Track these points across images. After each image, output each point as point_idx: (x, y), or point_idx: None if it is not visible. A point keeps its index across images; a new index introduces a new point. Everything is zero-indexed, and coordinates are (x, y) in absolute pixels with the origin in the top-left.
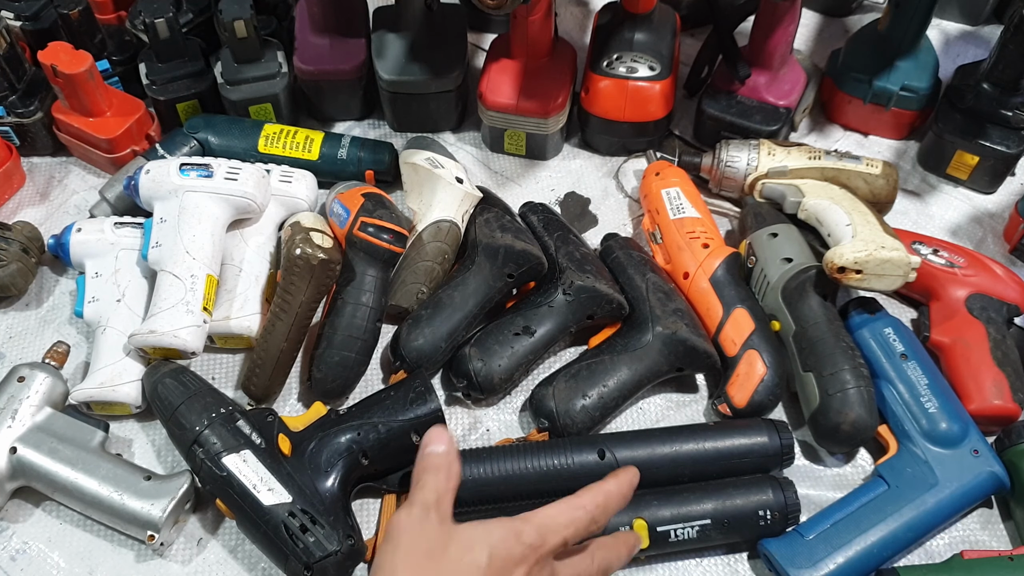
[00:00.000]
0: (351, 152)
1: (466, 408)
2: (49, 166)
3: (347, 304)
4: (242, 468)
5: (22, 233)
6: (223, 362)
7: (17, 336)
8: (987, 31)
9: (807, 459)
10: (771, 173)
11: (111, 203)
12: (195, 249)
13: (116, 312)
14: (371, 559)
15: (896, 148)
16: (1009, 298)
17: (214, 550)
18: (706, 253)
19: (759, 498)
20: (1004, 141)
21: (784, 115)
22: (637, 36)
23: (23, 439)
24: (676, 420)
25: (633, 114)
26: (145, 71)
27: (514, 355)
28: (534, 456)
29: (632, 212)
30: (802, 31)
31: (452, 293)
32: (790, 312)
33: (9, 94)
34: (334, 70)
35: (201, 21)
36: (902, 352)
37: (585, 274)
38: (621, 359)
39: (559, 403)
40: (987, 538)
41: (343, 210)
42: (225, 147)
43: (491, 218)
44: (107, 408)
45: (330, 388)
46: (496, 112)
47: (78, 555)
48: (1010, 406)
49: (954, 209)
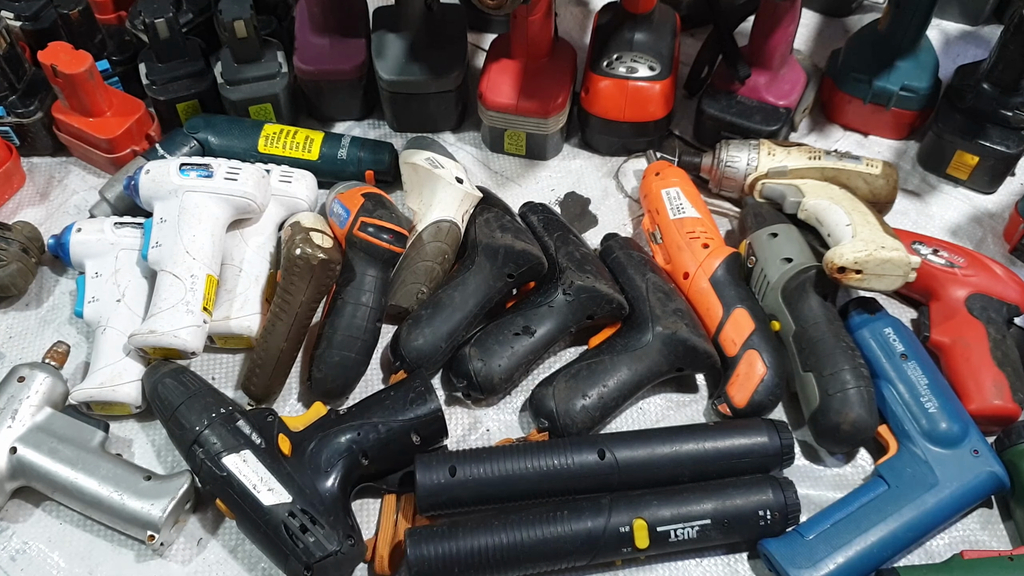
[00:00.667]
0: (351, 152)
1: (466, 408)
2: (49, 166)
3: (347, 304)
4: (242, 468)
5: (22, 233)
6: (223, 362)
7: (17, 336)
8: (987, 31)
9: (807, 459)
10: (771, 173)
11: (111, 203)
12: (195, 249)
13: (116, 312)
14: (371, 559)
15: (896, 148)
16: (1009, 298)
17: (214, 550)
18: (706, 253)
19: (759, 498)
20: (1004, 141)
21: (784, 115)
22: (637, 36)
23: (23, 439)
24: (676, 420)
25: (633, 114)
26: (145, 71)
27: (514, 355)
28: (534, 456)
29: (632, 212)
30: (802, 31)
31: (452, 293)
32: (790, 312)
33: (9, 94)
34: (334, 70)
35: (201, 21)
36: (902, 352)
37: (585, 274)
38: (621, 359)
39: (559, 403)
40: (987, 538)
41: (343, 210)
42: (225, 147)
43: (491, 218)
44: (107, 408)
45: (330, 388)
46: (496, 112)
47: (78, 555)
48: (1010, 406)
49: (954, 209)
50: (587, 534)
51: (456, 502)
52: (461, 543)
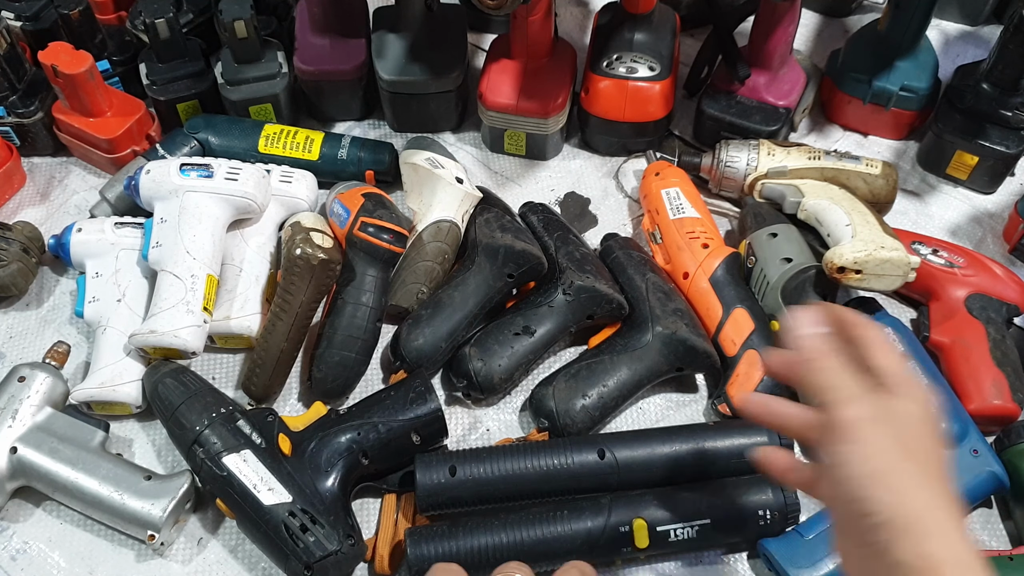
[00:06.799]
0: (351, 152)
1: (466, 408)
2: (49, 166)
3: (347, 304)
4: (242, 468)
5: (22, 233)
6: (223, 362)
7: (17, 336)
8: (987, 31)
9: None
10: (771, 173)
11: (111, 203)
12: (195, 249)
13: (116, 312)
14: (371, 559)
15: (896, 148)
16: (1009, 298)
17: (214, 550)
18: (706, 253)
19: (759, 498)
20: (1004, 141)
21: (784, 115)
22: (637, 36)
23: (23, 439)
24: (676, 420)
25: (633, 114)
26: (145, 71)
27: (514, 355)
28: (534, 456)
29: (632, 212)
30: (802, 31)
31: (452, 293)
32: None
33: (9, 94)
34: (334, 70)
35: (201, 21)
36: (901, 352)
37: (585, 274)
38: (621, 359)
39: (559, 403)
40: (987, 538)
41: (343, 210)
42: (225, 147)
43: (491, 218)
44: (107, 408)
45: (330, 388)
46: (496, 112)
47: (78, 555)
48: (1010, 406)
49: (954, 209)
50: (587, 534)
51: (456, 502)
52: (461, 543)
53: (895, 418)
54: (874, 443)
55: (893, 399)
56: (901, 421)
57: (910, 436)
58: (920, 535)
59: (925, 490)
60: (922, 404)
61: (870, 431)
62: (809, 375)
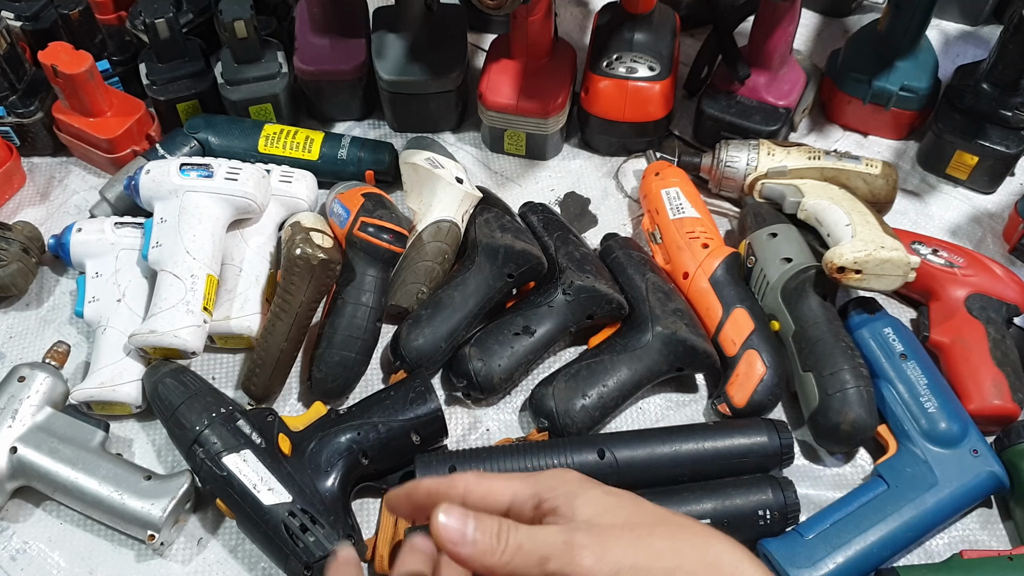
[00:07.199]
0: (351, 152)
1: (466, 408)
2: (49, 166)
3: (347, 304)
4: (242, 468)
5: (22, 233)
6: (223, 362)
7: (17, 336)
8: (987, 31)
9: (807, 459)
10: (771, 173)
11: (111, 203)
12: (195, 249)
13: (116, 312)
14: (371, 558)
15: (896, 148)
16: (1009, 298)
17: (214, 550)
18: (706, 253)
19: (759, 498)
20: (1004, 141)
21: (784, 115)
22: (637, 36)
23: (23, 439)
24: (676, 420)
25: (633, 114)
26: (145, 71)
27: (514, 355)
28: (534, 456)
29: (632, 212)
30: (802, 31)
31: (452, 293)
32: (790, 312)
33: (9, 94)
34: (334, 70)
35: (201, 21)
36: (902, 352)
37: (585, 274)
38: (621, 359)
39: (559, 403)
40: (987, 538)
41: (343, 210)
42: (225, 147)
43: (491, 218)
44: (107, 408)
45: (330, 388)
46: (496, 112)
47: (78, 555)
48: (1009, 406)
49: (953, 209)
50: None
51: None
52: None
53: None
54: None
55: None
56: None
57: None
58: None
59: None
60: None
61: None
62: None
